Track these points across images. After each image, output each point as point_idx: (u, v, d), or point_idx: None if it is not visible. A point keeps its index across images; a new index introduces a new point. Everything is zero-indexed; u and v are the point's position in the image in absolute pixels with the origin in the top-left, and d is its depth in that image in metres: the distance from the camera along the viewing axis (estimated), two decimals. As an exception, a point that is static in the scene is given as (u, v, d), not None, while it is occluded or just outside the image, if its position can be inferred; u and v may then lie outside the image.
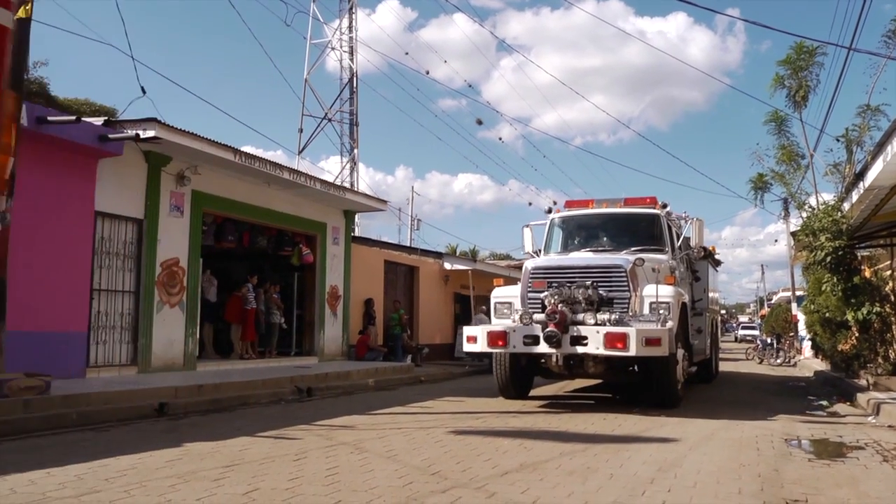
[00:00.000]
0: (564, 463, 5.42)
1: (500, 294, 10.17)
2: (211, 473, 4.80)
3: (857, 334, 12.40)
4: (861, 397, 9.98)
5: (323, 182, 15.57)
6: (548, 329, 8.51)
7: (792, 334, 28.95)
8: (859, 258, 13.33)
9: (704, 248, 12.66)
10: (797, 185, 15.06)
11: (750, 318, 74.89)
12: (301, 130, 27.71)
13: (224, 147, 12.07)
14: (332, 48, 28.04)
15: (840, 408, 9.96)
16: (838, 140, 13.42)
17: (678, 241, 10.97)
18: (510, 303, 9.83)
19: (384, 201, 18.72)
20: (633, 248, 10.05)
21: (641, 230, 10.72)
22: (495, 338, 8.96)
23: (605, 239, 10.84)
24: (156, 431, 6.96)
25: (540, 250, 11.28)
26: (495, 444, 6.22)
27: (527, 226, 11.59)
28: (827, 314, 13.54)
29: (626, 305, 8.99)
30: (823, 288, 12.57)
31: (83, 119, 10.26)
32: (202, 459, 5.33)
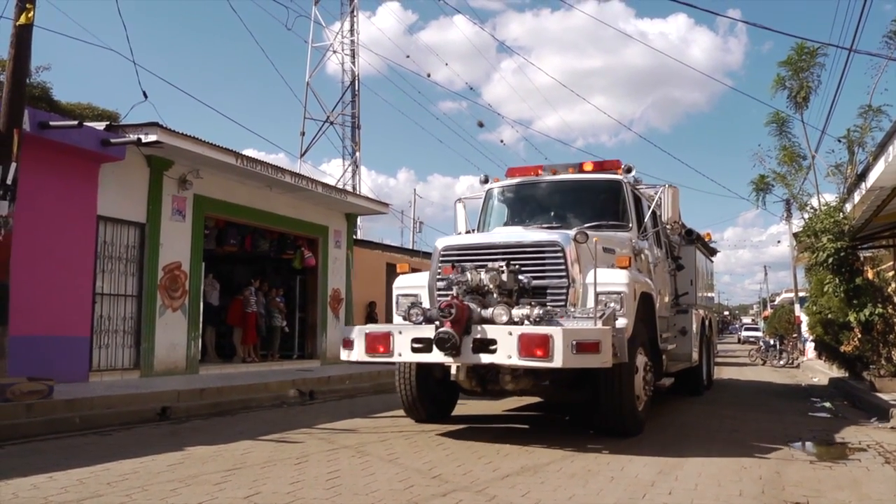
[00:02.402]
0: (566, 466, 5.42)
1: (403, 284, 7.68)
2: (213, 477, 4.81)
3: (859, 336, 12.36)
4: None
5: (325, 185, 15.60)
6: (440, 330, 5.91)
7: (795, 335, 28.90)
8: (861, 259, 13.27)
9: (690, 230, 11.30)
10: (799, 186, 14.97)
11: (753, 320, 74.81)
12: (303, 134, 27.76)
13: (226, 151, 12.10)
14: (334, 51, 28.09)
15: (842, 409, 9.94)
16: (840, 141, 13.36)
17: (648, 215, 8.56)
18: (416, 295, 7.42)
19: (386, 204, 18.76)
20: (588, 225, 7.44)
21: (600, 202, 8.36)
22: (375, 342, 6.37)
23: (553, 213, 8.34)
24: (158, 435, 6.97)
25: (474, 231, 8.90)
26: (496, 447, 6.22)
27: (459, 200, 9.42)
28: (829, 315, 13.50)
29: (564, 297, 6.61)
30: (826, 289, 12.52)
31: (85, 124, 10.28)
32: (204, 463, 5.33)
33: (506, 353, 5.76)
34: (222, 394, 9.56)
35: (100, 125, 10.75)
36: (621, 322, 6.37)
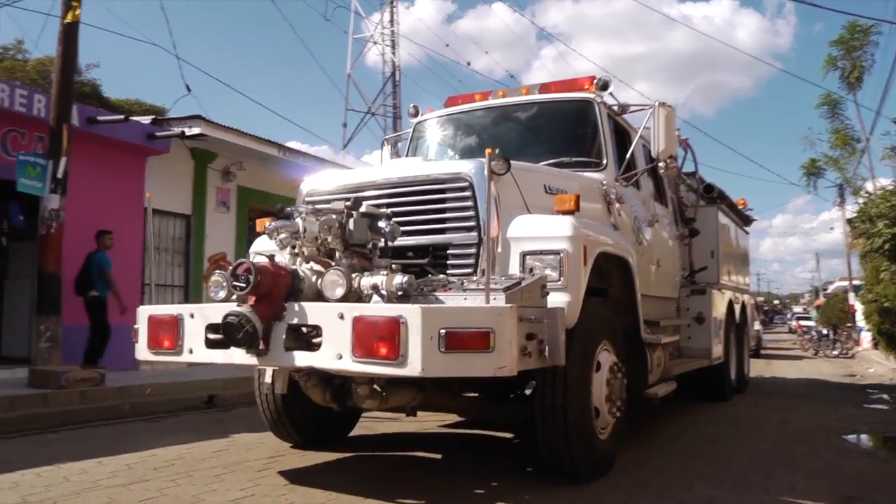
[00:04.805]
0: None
1: (260, 250, 5.22)
2: (255, 464, 4.86)
3: (918, 324, 11.91)
4: None
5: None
6: (229, 311, 3.65)
7: (850, 325, 28.02)
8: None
9: (710, 185, 8.94)
10: (852, 170, 14.50)
11: (805, 309, 72.85)
12: (345, 125, 27.99)
13: (268, 143, 12.25)
14: (374, 42, 28.20)
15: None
16: (896, 122, 12.86)
17: (634, 149, 6.05)
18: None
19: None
20: (544, 163, 5.47)
21: (562, 132, 6.17)
22: (159, 331, 4.19)
23: (497, 151, 5.18)
24: (204, 423, 7.09)
25: None
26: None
27: (386, 140, 7.88)
28: (886, 304, 13.04)
29: (473, 259, 4.31)
30: (881, 276, 12.09)
31: (131, 118, 10.53)
32: (248, 450, 5.40)
33: (334, 349, 3.47)
34: (267, 382, 9.67)
35: (145, 119, 10.99)
36: (556, 299, 3.98)
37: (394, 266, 3.84)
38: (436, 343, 3.28)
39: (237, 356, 3.77)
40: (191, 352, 4.07)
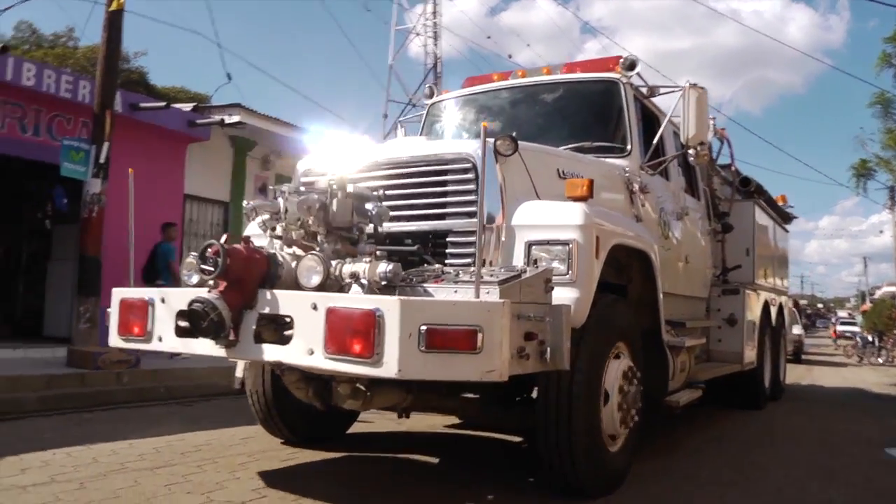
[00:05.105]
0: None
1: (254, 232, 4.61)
2: (281, 454, 4.88)
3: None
4: None
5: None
6: (195, 298, 3.32)
7: (896, 332, 27.12)
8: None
9: (746, 179, 8.46)
10: (905, 172, 13.96)
11: (850, 314, 70.91)
12: (385, 116, 28.12)
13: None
14: (416, 34, 28.20)
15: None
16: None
17: (662, 134, 5.72)
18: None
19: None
20: (564, 148, 5.02)
21: (584, 115, 5.82)
22: (129, 316, 3.88)
23: (515, 134, 4.81)
24: (234, 409, 7.14)
25: None
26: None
27: (400, 122, 7.51)
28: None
29: (475, 248, 3.42)
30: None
31: (172, 105, 10.69)
32: (274, 438, 5.42)
33: (306, 343, 3.10)
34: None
35: (186, 106, 11.15)
36: (563, 295, 3.61)
37: (378, 253, 3.45)
38: (415, 341, 2.87)
39: (206, 347, 3.42)
40: (160, 340, 3.73)
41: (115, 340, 3.98)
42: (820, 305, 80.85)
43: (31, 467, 4.20)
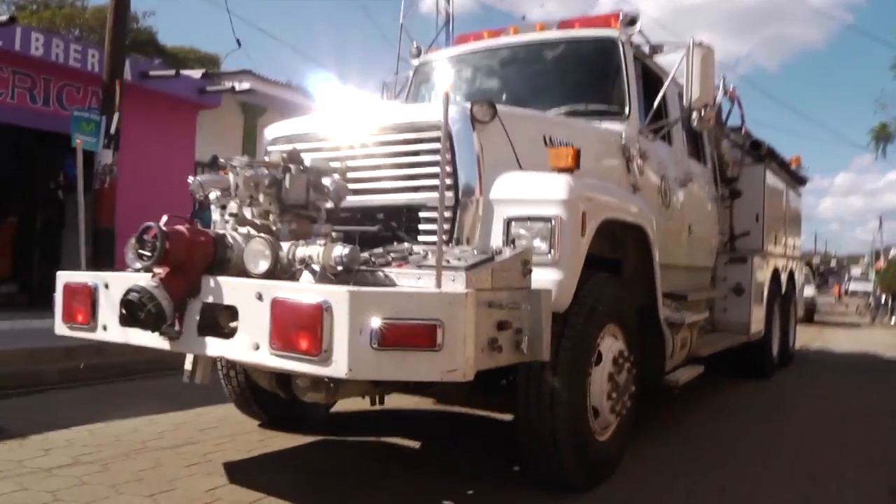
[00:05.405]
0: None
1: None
2: (297, 437, 4.81)
3: None
4: None
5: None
6: (131, 287, 2.94)
7: (911, 291, 26.94)
8: None
9: (757, 142, 8.03)
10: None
11: (863, 272, 70.48)
12: (396, 75, 27.68)
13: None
14: (427, -9, 27.62)
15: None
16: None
17: (663, 97, 5.26)
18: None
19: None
20: (557, 111, 4.89)
21: (579, 75, 5.42)
22: (73, 302, 3.59)
23: (505, 97, 5.36)
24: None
25: None
26: None
27: (385, 84, 6.91)
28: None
29: (449, 224, 3.62)
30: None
31: (181, 73, 10.61)
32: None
33: (251, 337, 2.82)
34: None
35: (196, 73, 11.07)
36: (545, 276, 3.34)
37: (334, 234, 3.21)
38: (367, 337, 2.55)
39: (149, 339, 3.13)
40: (104, 328, 3.44)
41: (60, 328, 3.70)
42: (833, 263, 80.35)
43: (56, 447, 4.29)
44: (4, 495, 3.43)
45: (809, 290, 19.10)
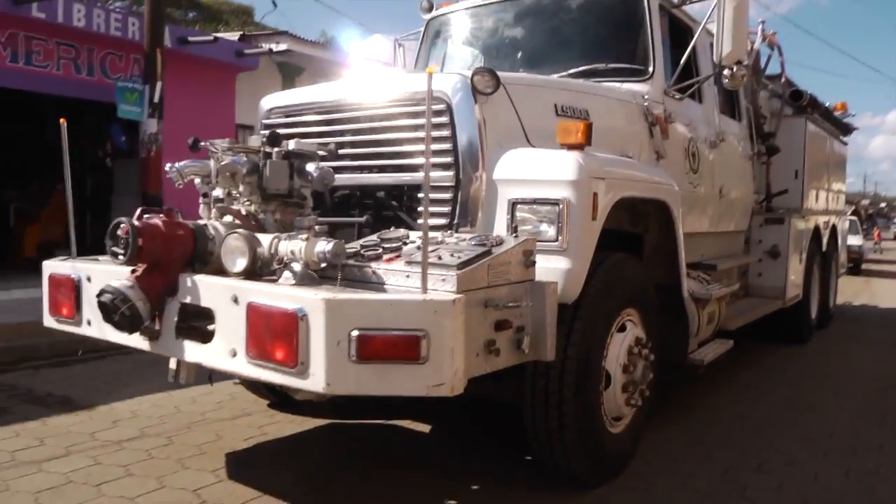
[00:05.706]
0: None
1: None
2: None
3: None
4: None
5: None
6: (105, 287, 2.73)
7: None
8: None
9: (797, 92, 7.46)
10: None
11: (914, 214, 68.22)
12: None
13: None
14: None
15: None
16: None
17: (692, 50, 4.85)
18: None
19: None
20: (572, 71, 4.52)
21: (600, 31, 4.98)
22: (58, 294, 3.42)
23: (520, 55, 5.13)
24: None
25: None
26: None
27: (398, 41, 6.50)
28: None
29: (450, 208, 3.35)
30: None
31: (219, 36, 10.65)
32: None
33: (228, 343, 2.63)
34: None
35: (233, 36, 11.11)
36: (553, 265, 3.08)
37: (318, 227, 2.94)
38: (345, 349, 2.35)
39: (131, 338, 2.94)
40: (89, 324, 3.24)
41: (47, 320, 3.52)
42: (883, 204, 77.90)
43: (122, 419, 4.44)
44: (81, 469, 3.61)
45: (856, 240, 18.17)
